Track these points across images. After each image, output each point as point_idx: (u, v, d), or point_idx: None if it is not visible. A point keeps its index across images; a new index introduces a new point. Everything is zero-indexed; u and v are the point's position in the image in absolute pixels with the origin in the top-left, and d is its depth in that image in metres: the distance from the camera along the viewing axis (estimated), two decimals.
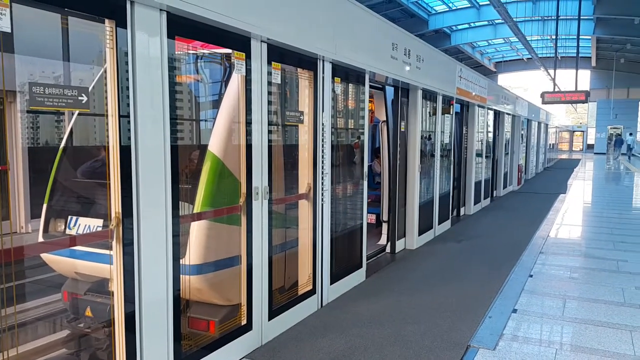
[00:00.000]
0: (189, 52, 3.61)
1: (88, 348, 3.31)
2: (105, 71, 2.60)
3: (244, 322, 3.60)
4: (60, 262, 3.35)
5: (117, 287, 2.65)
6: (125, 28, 2.56)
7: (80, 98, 2.42)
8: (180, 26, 2.91)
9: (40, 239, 3.53)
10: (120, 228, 2.60)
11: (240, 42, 3.41)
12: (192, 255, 3.35)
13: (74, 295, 3.50)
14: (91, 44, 2.98)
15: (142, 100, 2.65)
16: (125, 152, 2.59)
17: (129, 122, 2.60)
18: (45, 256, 3.31)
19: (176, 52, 2.98)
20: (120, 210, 2.60)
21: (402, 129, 6.75)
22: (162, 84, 2.76)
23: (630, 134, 36.75)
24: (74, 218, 3.44)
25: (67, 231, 3.43)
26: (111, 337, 2.71)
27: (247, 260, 3.59)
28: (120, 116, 2.58)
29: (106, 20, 2.52)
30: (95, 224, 3.35)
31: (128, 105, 2.60)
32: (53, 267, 3.47)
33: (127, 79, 2.59)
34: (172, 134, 2.85)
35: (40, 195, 3.63)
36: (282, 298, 4.14)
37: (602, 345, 3.83)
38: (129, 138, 2.61)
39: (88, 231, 3.34)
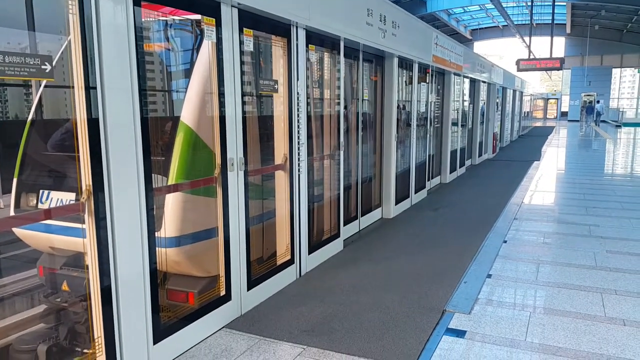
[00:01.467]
0: (158, 19, 3.48)
1: (66, 322, 3.27)
2: (69, 41, 2.48)
3: (222, 292, 3.60)
4: (34, 237, 3.30)
5: (91, 260, 2.61)
6: None
7: (43, 67, 2.32)
8: None
9: (12, 214, 3.41)
10: (92, 201, 2.54)
11: (209, 7, 3.29)
12: (168, 227, 3.31)
13: (50, 270, 3.45)
14: (57, 13, 2.85)
15: (109, 71, 2.55)
16: (93, 125, 2.51)
17: (96, 93, 2.51)
18: (18, 231, 3.24)
19: (144, 20, 2.86)
20: (90, 183, 2.53)
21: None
22: (130, 53, 2.65)
23: (598, 102, 37.52)
24: (46, 192, 3.36)
25: (40, 205, 3.35)
26: (88, 310, 2.69)
27: (224, 231, 3.56)
28: (87, 87, 2.48)
29: None
30: (68, 197, 3.27)
31: (95, 76, 2.50)
32: (27, 242, 3.41)
33: (93, 49, 2.49)
34: (142, 106, 2.76)
35: (11, 170, 3.50)
36: (261, 268, 4.14)
37: (574, 308, 3.95)
38: (97, 110, 2.52)
39: (60, 205, 3.25)
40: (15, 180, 3.45)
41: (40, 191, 3.39)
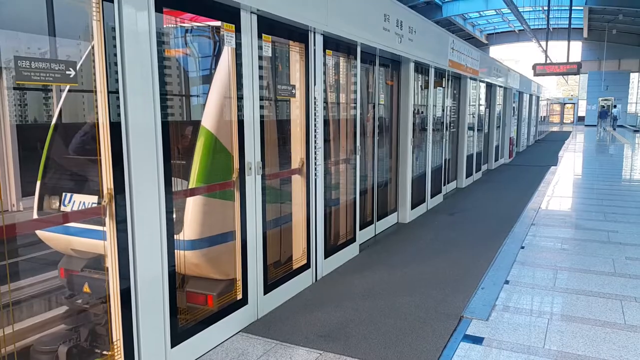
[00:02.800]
0: (179, 25, 3.53)
1: (87, 324, 3.31)
2: (92, 46, 2.53)
3: (239, 296, 3.62)
4: (55, 239, 3.34)
5: (111, 263, 2.64)
6: (112, 1, 2.49)
7: (67, 72, 2.37)
8: None
9: (35, 216, 3.49)
10: (113, 205, 2.58)
11: (229, 13, 3.33)
12: (189, 230, 3.33)
13: (71, 272, 3.48)
14: (78, 19, 2.91)
15: (131, 76, 2.59)
16: (115, 129, 2.55)
17: (118, 98, 2.56)
18: (41, 233, 3.29)
19: (165, 26, 2.90)
20: (112, 187, 2.57)
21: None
22: (152, 58, 2.70)
23: (615, 106, 37.14)
24: (69, 195, 3.41)
25: (62, 208, 3.40)
26: (108, 312, 2.72)
27: (242, 235, 3.58)
28: (109, 92, 2.53)
29: None
30: (90, 200, 3.30)
31: (117, 80, 2.55)
32: (49, 244, 3.42)
33: (115, 54, 2.53)
34: (163, 110, 2.80)
35: (32, 173, 3.55)
36: (277, 272, 4.16)
37: (593, 315, 3.90)
38: (119, 114, 2.56)
39: (83, 208, 3.31)
40: (38, 183, 3.50)
41: (63, 194, 3.43)
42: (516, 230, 6.50)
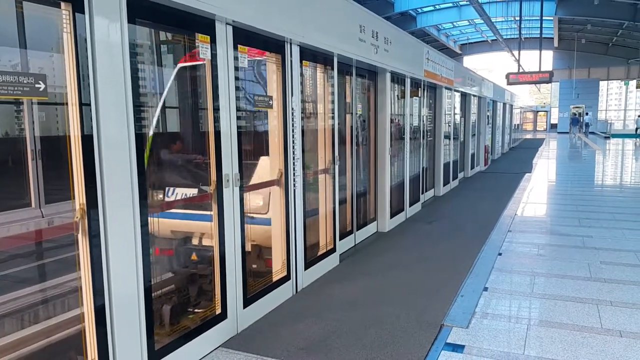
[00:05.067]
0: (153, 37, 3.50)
1: (194, 283, 4.20)
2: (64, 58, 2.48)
3: (218, 311, 3.56)
4: (159, 223, 3.92)
5: (85, 279, 2.57)
6: (83, 13, 2.44)
7: (37, 86, 2.31)
8: (142, 9, 2.79)
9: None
10: (86, 220, 2.51)
11: (204, 24, 3.31)
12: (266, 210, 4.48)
13: (163, 250, 4.40)
14: (49, 31, 2.85)
15: (104, 88, 2.54)
16: (87, 142, 2.49)
17: (90, 110, 2.50)
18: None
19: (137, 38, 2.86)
20: (84, 202, 2.50)
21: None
22: (124, 70, 2.65)
23: (587, 114, 38.31)
24: (172, 189, 4.33)
25: (166, 199, 4.20)
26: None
27: (220, 249, 3.53)
28: (81, 104, 2.47)
29: (62, 4, 2.40)
30: (190, 192, 4.20)
31: (89, 93, 2.50)
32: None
33: (88, 66, 2.48)
34: (137, 122, 2.75)
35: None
36: (257, 285, 4.11)
37: (570, 320, 3.94)
38: (91, 127, 2.51)
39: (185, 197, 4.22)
40: None
41: (167, 188, 4.31)
42: (493, 237, 6.57)
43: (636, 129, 33.11)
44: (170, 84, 4.66)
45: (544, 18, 22.41)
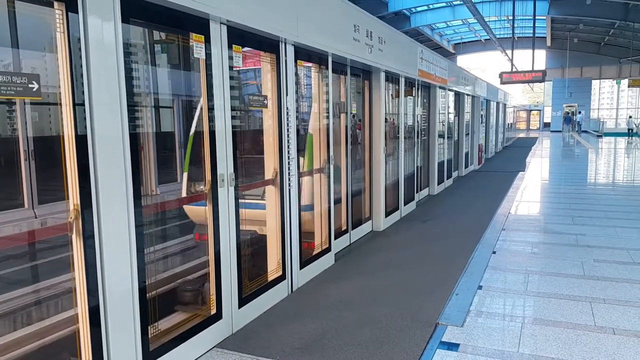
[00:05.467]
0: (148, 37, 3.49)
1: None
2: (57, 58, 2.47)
3: (213, 311, 3.55)
4: (195, 211, 4.39)
5: (79, 280, 2.56)
6: (77, 13, 2.43)
7: (30, 86, 2.30)
8: (136, 9, 2.78)
9: (184, 195, 4.84)
10: (80, 221, 2.50)
11: (198, 24, 3.30)
12: (306, 198, 5.13)
13: (203, 235, 4.62)
14: (42, 30, 2.84)
15: (98, 87, 2.53)
16: (81, 142, 2.48)
17: (84, 110, 2.49)
18: (186, 207, 4.62)
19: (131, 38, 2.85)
20: (78, 202, 2.49)
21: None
22: (118, 69, 2.64)
23: (580, 112, 38.64)
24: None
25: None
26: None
27: (215, 249, 3.52)
28: (74, 104, 2.46)
29: (55, 4, 2.38)
30: None
31: (83, 92, 2.48)
32: (189, 215, 4.67)
33: (81, 66, 2.47)
34: (131, 121, 2.74)
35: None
36: (252, 285, 4.10)
37: (564, 317, 3.97)
38: (85, 127, 2.50)
39: None
40: (185, 174, 4.78)
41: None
42: (487, 236, 6.60)
43: (628, 130, 33.36)
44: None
45: (536, 17, 22.54)
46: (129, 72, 2.73)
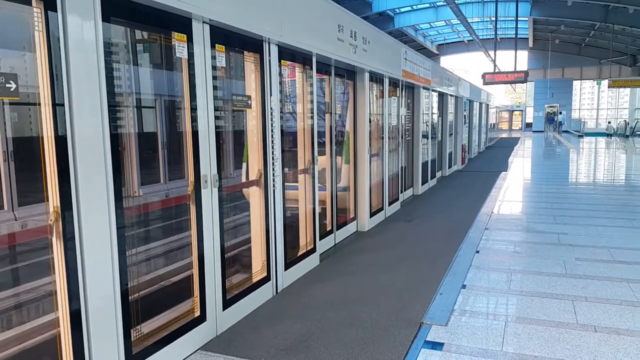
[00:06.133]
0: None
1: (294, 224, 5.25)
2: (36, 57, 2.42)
3: (197, 313, 3.52)
4: (252, 192, 4.53)
5: (59, 283, 2.51)
6: (56, 11, 2.39)
7: (8, 85, 2.25)
8: (117, 8, 2.74)
9: (244, 180, 5.07)
10: (60, 223, 2.45)
11: (181, 23, 3.26)
12: (343, 180, 6.72)
13: None
14: (20, 29, 2.78)
15: (78, 87, 2.49)
16: (61, 143, 2.43)
17: (63, 111, 2.44)
18: (244, 190, 4.91)
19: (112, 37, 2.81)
20: (58, 204, 2.44)
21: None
22: (99, 69, 2.60)
23: (561, 113, 39.30)
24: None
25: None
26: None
27: (198, 251, 3.49)
28: (54, 104, 2.42)
29: (33, 2, 2.34)
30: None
31: (62, 93, 2.44)
32: (246, 196, 4.89)
33: (61, 65, 2.43)
34: (112, 122, 2.70)
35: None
36: (237, 286, 4.08)
37: (547, 316, 4.01)
38: (65, 128, 2.45)
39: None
40: (244, 165, 4.97)
41: None
42: (471, 235, 6.65)
43: (608, 135, 33.94)
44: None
45: (519, 19, 22.78)
46: (110, 71, 2.69)
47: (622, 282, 4.75)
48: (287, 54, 4.70)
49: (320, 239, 5.66)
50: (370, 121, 7.26)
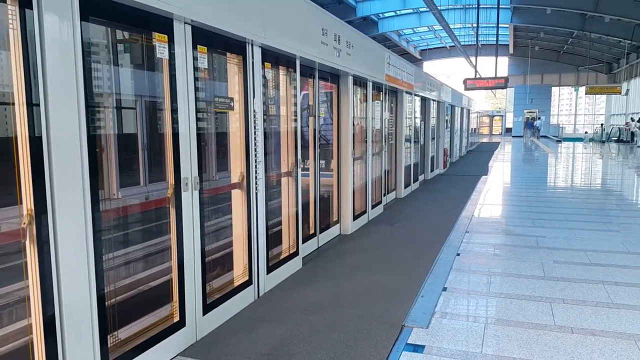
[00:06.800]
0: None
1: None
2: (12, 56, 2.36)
3: (176, 318, 3.47)
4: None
5: (33, 289, 2.45)
6: (32, 9, 2.33)
7: None
8: (96, 7, 2.70)
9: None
10: (34, 226, 2.39)
11: (162, 23, 3.22)
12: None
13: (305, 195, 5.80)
14: None
15: (54, 87, 2.43)
16: (36, 144, 2.37)
17: (39, 111, 2.39)
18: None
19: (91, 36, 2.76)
20: (32, 207, 2.38)
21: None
22: (76, 69, 2.55)
23: (539, 118, 40.10)
24: (306, 160, 5.89)
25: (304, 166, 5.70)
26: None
27: (178, 255, 3.44)
28: (29, 104, 2.36)
29: (8, 0, 2.28)
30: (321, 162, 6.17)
31: (38, 92, 2.38)
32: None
33: (37, 65, 2.37)
34: (91, 123, 2.65)
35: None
36: (217, 291, 4.03)
37: (525, 318, 4.05)
38: (40, 128, 2.39)
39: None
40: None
41: (304, 160, 5.70)
42: (452, 238, 6.70)
43: (587, 140, 34.65)
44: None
45: (500, 25, 23.11)
46: (88, 71, 2.64)
47: (597, 284, 4.82)
48: (271, 56, 4.68)
49: (303, 242, 5.64)
50: (354, 125, 7.28)
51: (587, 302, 4.38)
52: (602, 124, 37.69)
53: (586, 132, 37.07)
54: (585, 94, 33.24)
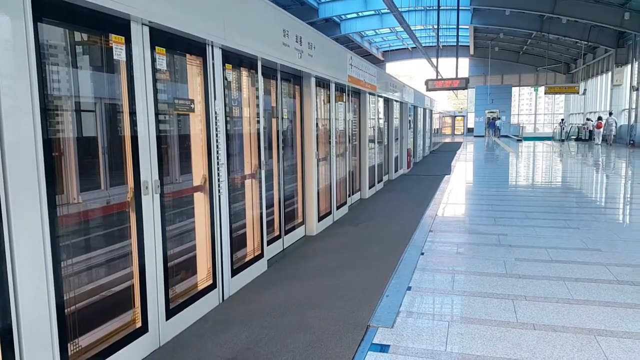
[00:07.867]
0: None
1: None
2: None
3: (138, 324, 3.39)
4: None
5: None
6: None
7: None
8: (49, 8, 2.61)
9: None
10: None
11: (118, 25, 3.15)
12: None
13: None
14: None
15: (7, 91, 2.34)
16: None
17: None
18: None
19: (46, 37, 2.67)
20: None
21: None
22: (30, 71, 2.46)
23: (499, 118, 41.30)
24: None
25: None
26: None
27: (139, 260, 3.37)
28: None
29: None
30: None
31: None
32: None
33: None
34: (48, 126, 2.56)
35: None
36: (181, 295, 3.97)
37: (488, 315, 4.15)
38: None
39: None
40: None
41: None
42: (416, 237, 6.80)
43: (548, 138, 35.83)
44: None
45: (460, 27, 23.60)
46: (43, 74, 2.56)
47: (558, 280, 4.98)
48: (232, 57, 4.64)
49: (268, 244, 5.62)
50: (317, 126, 7.30)
51: (549, 298, 4.51)
52: (562, 119, 38.84)
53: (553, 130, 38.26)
54: (545, 93, 34.28)
